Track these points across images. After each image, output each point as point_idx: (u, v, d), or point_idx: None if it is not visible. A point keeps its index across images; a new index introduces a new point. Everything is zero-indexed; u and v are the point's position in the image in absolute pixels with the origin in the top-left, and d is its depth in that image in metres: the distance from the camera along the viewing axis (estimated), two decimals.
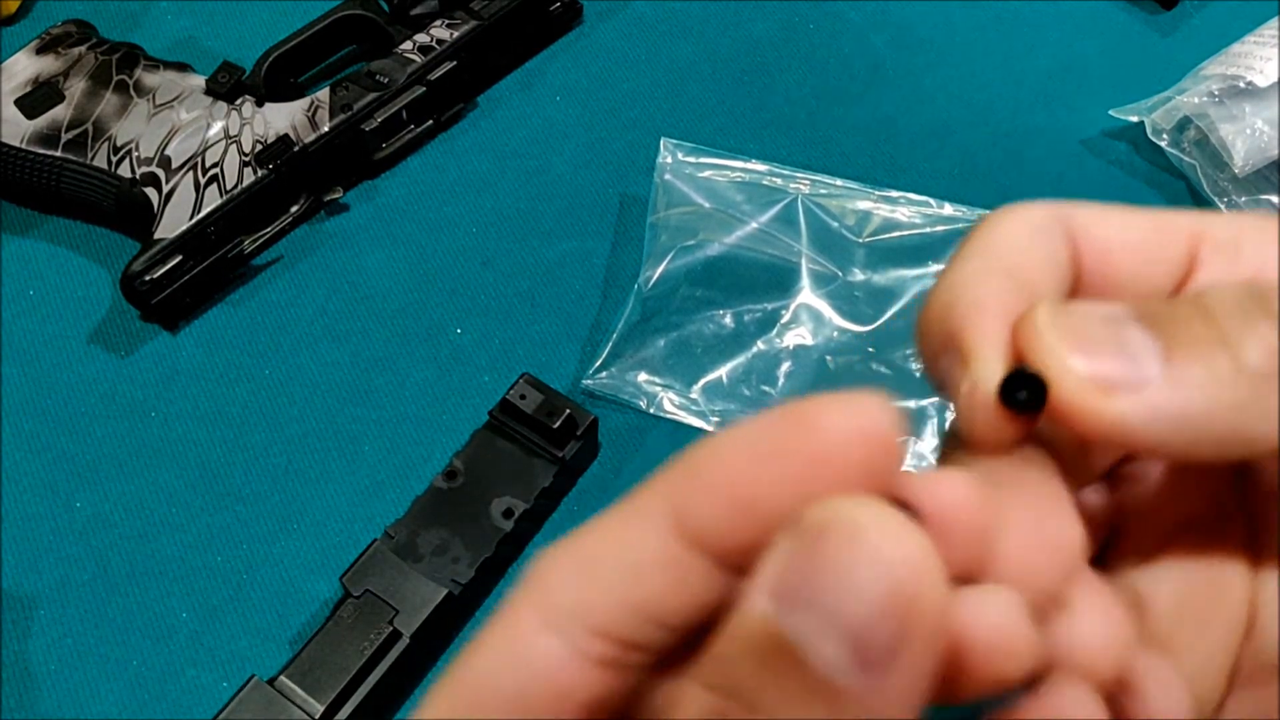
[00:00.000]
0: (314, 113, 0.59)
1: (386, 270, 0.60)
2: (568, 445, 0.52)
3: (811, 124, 0.64)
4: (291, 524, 0.53)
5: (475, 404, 0.55)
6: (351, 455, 0.55)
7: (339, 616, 0.48)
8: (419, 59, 0.61)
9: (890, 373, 0.55)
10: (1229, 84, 0.59)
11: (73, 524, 0.53)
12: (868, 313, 0.57)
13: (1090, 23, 0.68)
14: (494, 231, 0.61)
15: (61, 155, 0.58)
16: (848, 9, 0.68)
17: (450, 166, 0.63)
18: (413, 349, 0.57)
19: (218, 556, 0.52)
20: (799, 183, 0.59)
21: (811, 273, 0.57)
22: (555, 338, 0.58)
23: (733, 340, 0.56)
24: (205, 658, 0.50)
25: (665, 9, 0.68)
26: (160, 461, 0.54)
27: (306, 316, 0.58)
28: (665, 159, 0.59)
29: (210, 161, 0.57)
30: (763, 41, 0.67)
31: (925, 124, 0.64)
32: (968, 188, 0.61)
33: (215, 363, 0.57)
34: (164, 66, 0.60)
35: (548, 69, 0.66)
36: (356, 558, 0.49)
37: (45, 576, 0.52)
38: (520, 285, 0.59)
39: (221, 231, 0.57)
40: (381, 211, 0.61)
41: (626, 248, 0.60)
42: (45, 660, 0.50)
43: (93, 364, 0.57)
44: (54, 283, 0.59)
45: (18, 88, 0.59)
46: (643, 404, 0.55)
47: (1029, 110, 0.65)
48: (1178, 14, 0.68)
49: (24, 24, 0.67)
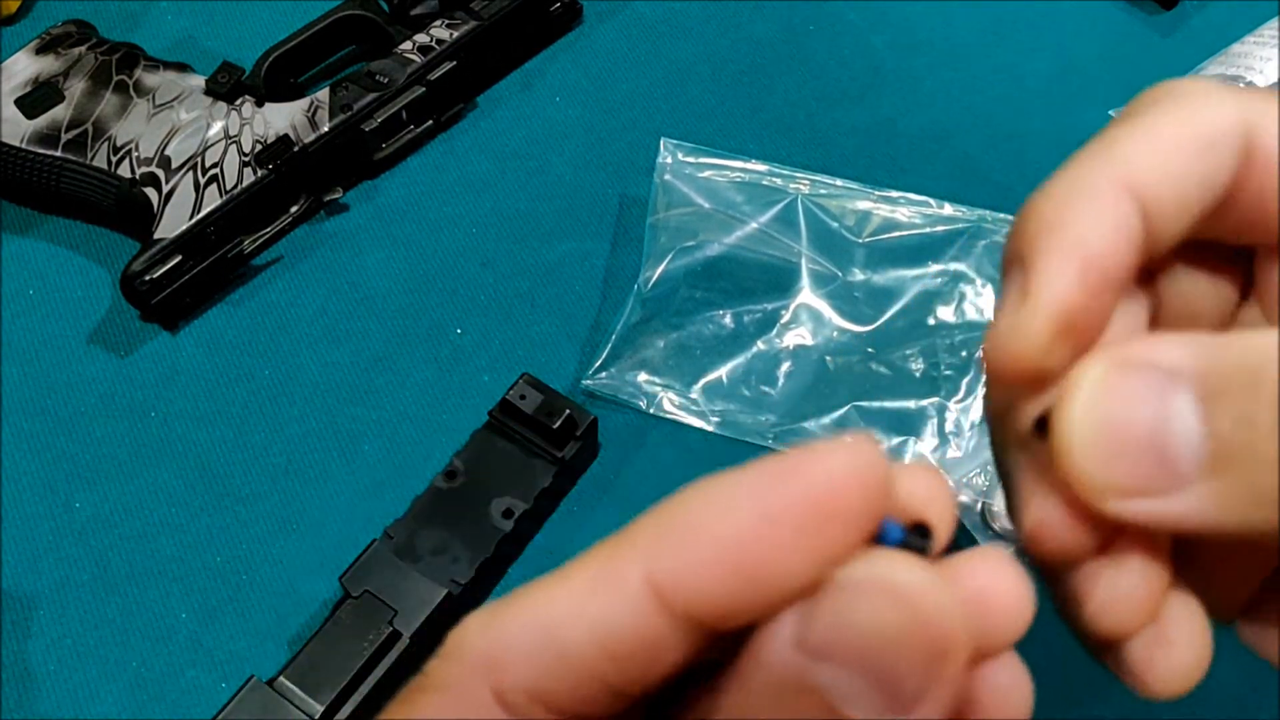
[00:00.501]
0: (314, 113, 0.59)
1: (386, 270, 0.60)
2: (567, 445, 0.52)
3: (811, 124, 0.64)
4: (291, 524, 0.53)
5: (475, 404, 0.55)
6: (351, 455, 0.55)
7: (338, 617, 0.48)
8: (419, 59, 0.61)
9: (890, 373, 0.55)
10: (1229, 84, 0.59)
11: (72, 524, 0.53)
12: (868, 313, 0.57)
13: (1090, 23, 0.68)
14: (494, 232, 0.61)
15: (61, 155, 0.58)
16: (848, 10, 0.68)
17: (450, 166, 0.63)
18: (413, 349, 0.57)
19: (217, 557, 0.52)
20: (799, 183, 0.59)
21: (811, 273, 0.57)
22: (555, 338, 0.58)
23: (733, 340, 0.56)
24: (204, 658, 0.50)
25: (665, 9, 0.68)
26: (160, 462, 0.54)
27: (306, 316, 0.58)
28: (665, 159, 0.59)
29: (210, 161, 0.57)
30: (763, 42, 0.67)
31: (925, 124, 0.64)
32: (968, 188, 0.61)
33: (215, 363, 0.57)
34: (164, 66, 0.60)
35: (548, 69, 0.66)
36: (356, 558, 0.49)
37: (45, 577, 0.52)
38: (520, 285, 0.59)
39: (221, 231, 0.57)
40: (381, 211, 0.61)
41: (626, 248, 0.60)
42: (45, 660, 0.50)
43: (92, 364, 0.57)
44: (54, 283, 0.59)
45: (18, 88, 0.59)
46: (643, 404, 0.55)
47: (1029, 110, 0.65)
48: (1178, 14, 0.68)
49: (24, 24, 0.67)
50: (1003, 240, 0.57)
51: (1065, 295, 0.20)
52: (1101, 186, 0.21)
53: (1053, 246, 0.20)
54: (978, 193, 0.61)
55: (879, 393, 0.55)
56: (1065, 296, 0.20)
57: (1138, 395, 0.19)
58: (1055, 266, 0.20)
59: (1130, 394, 0.19)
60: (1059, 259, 0.20)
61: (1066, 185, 0.21)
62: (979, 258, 0.57)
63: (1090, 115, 0.64)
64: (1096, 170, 0.21)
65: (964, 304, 0.57)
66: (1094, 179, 0.21)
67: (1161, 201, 0.21)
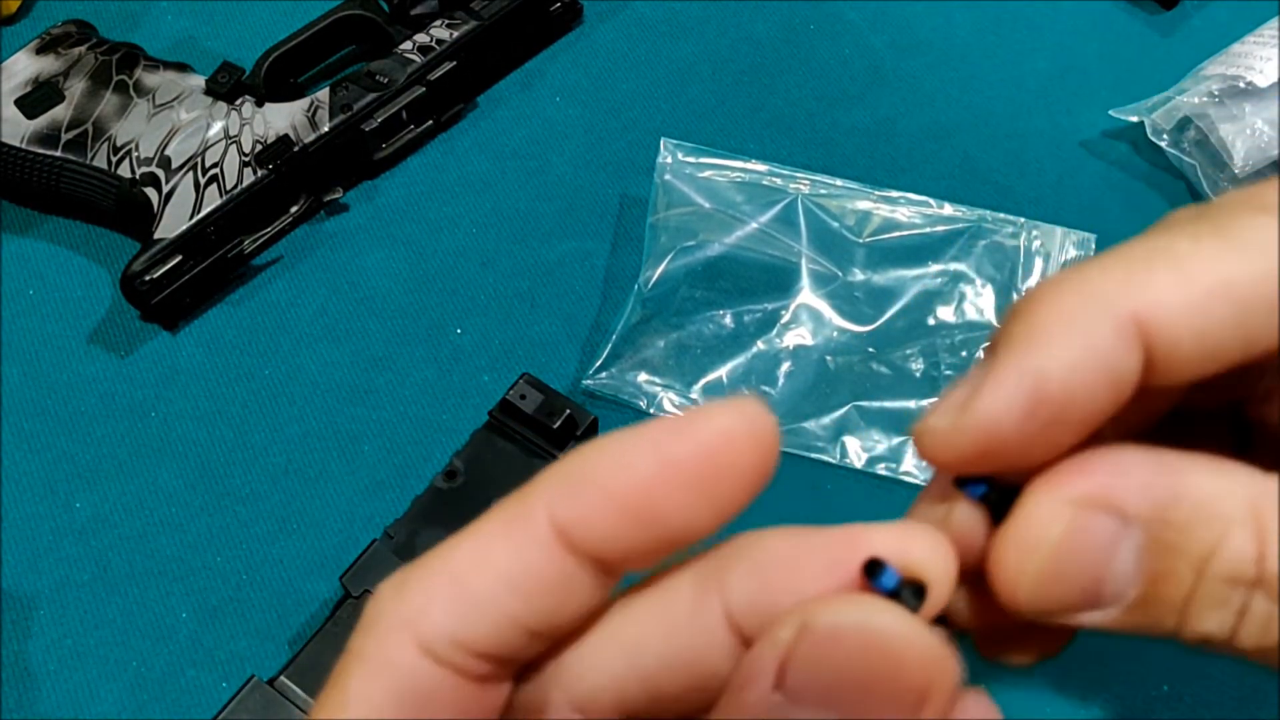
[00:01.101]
0: (314, 113, 0.59)
1: (386, 270, 0.60)
2: (568, 445, 0.52)
3: (811, 124, 0.64)
4: (291, 524, 0.53)
5: (475, 404, 0.55)
6: (351, 455, 0.55)
7: (339, 617, 0.48)
8: (419, 59, 0.61)
9: (890, 373, 0.55)
10: (1229, 84, 0.59)
11: (72, 524, 0.53)
12: (868, 313, 0.57)
13: (1090, 23, 0.68)
14: (494, 231, 0.61)
15: (61, 155, 0.58)
16: (848, 10, 0.68)
17: (450, 166, 0.63)
18: (413, 349, 0.57)
19: (217, 557, 0.52)
20: (799, 183, 0.59)
21: (811, 273, 0.57)
22: (555, 338, 0.58)
23: (733, 340, 0.56)
24: (205, 658, 0.50)
25: (665, 9, 0.68)
26: (160, 461, 0.54)
27: (306, 316, 0.58)
28: (665, 159, 0.59)
29: (210, 161, 0.57)
30: (763, 42, 0.67)
31: (925, 124, 0.64)
32: (968, 188, 0.61)
33: (215, 363, 0.57)
34: (164, 66, 0.60)
35: (548, 69, 0.66)
36: (356, 558, 0.49)
37: (45, 577, 0.52)
38: (520, 285, 0.59)
39: (221, 231, 0.57)
40: (381, 211, 0.62)
41: (626, 248, 0.60)
42: (45, 660, 0.50)
43: (92, 364, 0.57)
44: (54, 283, 0.59)
45: (18, 88, 0.59)
46: (643, 404, 0.55)
47: (1029, 110, 0.65)
48: (1178, 14, 0.68)
49: (24, 24, 0.67)
50: (1003, 240, 0.58)
51: (998, 426, 0.19)
52: (1097, 317, 0.19)
53: (1013, 366, 0.19)
54: (978, 193, 0.61)
55: (879, 393, 0.55)
56: (998, 428, 0.19)
57: (1091, 538, 0.19)
58: (1004, 392, 0.19)
59: (1085, 537, 0.19)
60: (1012, 384, 0.19)
61: (1066, 297, 0.19)
62: (979, 258, 0.57)
63: (1090, 115, 0.64)
64: (1105, 293, 0.19)
65: (964, 304, 0.57)
66: (1093, 307, 0.19)
67: (1179, 350, 0.19)
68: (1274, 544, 0.18)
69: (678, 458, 0.18)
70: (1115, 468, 0.19)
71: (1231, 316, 0.18)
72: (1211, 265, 0.18)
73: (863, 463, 0.54)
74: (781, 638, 0.18)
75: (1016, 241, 0.58)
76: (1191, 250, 0.19)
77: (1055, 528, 0.19)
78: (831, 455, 0.54)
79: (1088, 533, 0.19)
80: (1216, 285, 0.18)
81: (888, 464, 0.54)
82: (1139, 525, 0.19)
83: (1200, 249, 0.19)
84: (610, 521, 0.18)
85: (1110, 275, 0.19)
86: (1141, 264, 0.19)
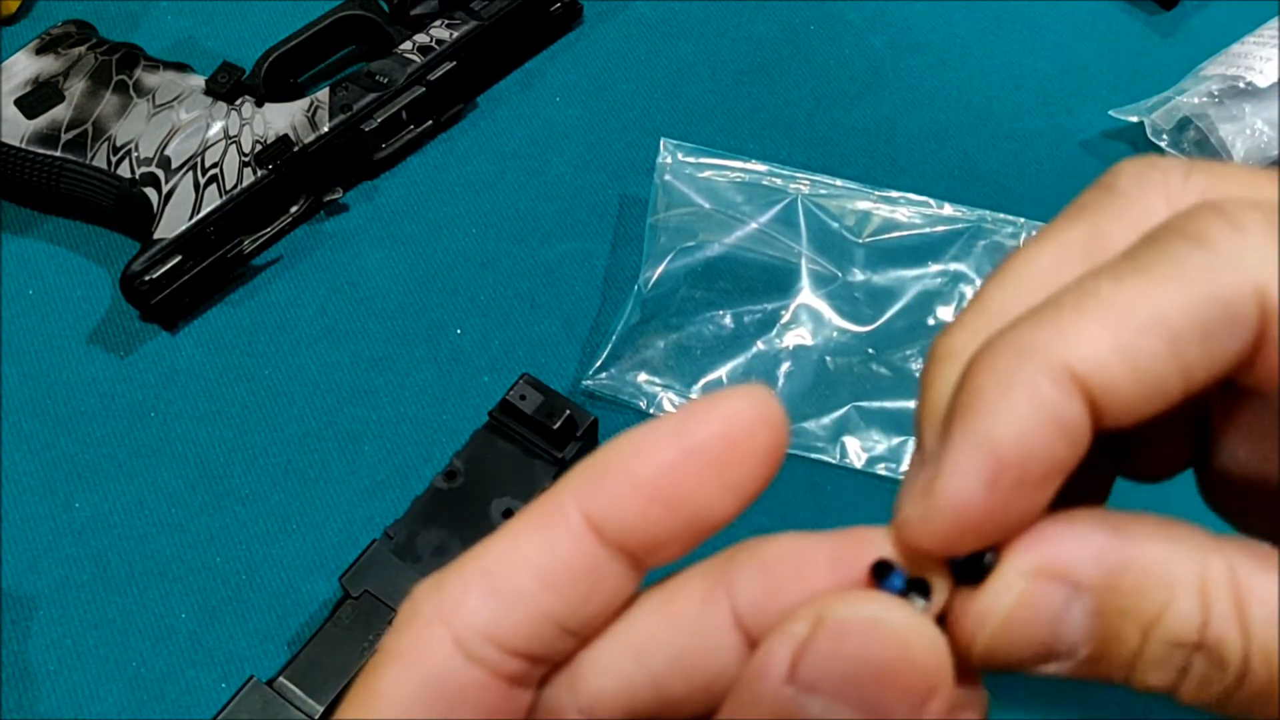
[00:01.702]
0: (314, 113, 0.59)
1: (386, 270, 0.60)
2: (568, 446, 0.52)
3: (811, 125, 0.64)
4: (291, 524, 0.53)
5: (475, 404, 0.55)
6: (351, 455, 0.55)
7: (338, 617, 0.48)
8: (419, 59, 0.61)
9: (890, 373, 0.55)
10: (1229, 84, 0.59)
11: (72, 524, 0.53)
12: (868, 313, 0.57)
13: (1090, 23, 0.68)
14: (494, 232, 0.61)
15: (61, 155, 0.58)
16: (848, 10, 0.68)
17: (450, 167, 0.63)
18: (413, 349, 0.57)
19: (217, 557, 0.52)
20: (799, 183, 0.59)
21: (811, 273, 0.57)
22: (555, 338, 0.58)
23: (733, 341, 0.56)
24: (204, 658, 0.50)
25: (665, 9, 0.68)
26: (160, 461, 0.54)
27: (306, 316, 0.58)
28: (665, 159, 0.59)
29: (210, 161, 0.57)
30: (763, 42, 0.67)
31: (925, 125, 0.64)
32: (967, 188, 0.61)
33: (215, 363, 0.57)
34: (164, 67, 0.60)
35: (548, 69, 0.66)
36: (356, 558, 0.49)
37: (45, 577, 0.52)
38: (520, 286, 0.59)
39: (221, 231, 0.57)
40: (381, 211, 0.61)
41: (626, 248, 0.60)
42: (45, 660, 0.50)
43: (92, 364, 0.57)
44: (54, 283, 0.59)
45: (18, 88, 0.59)
46: (642, 404, 0.55)
47: (1028, 111, 0.65)
48: (1178, 14, 0.68)
49: (24, 24, 0.67)
50: (1003, 240, 0.58)
51: (966, 503, 0.19)
52: (1034, 374, 0.18)
53: (965, 440, 0.19)
54: (978, 193, 0.61)
55: (879, 393, 0.55)
56: (966, 505, 0.19)
57: (1042, 606, 0.19)
58: (961, 468, 0.19)
59: (1036, 606, 0.19)
60: (966, 458, 0.19)
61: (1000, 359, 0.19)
62: (979, 258, 0.57)
63: (1090, 115, 0.64)
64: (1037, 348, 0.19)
65: (964, 304, 0.57)
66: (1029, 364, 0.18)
67: (1119, 392, 0.18)
68: (1218, 610, 0.19)
69: (698, 442, 0.19)
70: (1068, 537, 0.19)
71: (1162, 351, 0.18)
72: (1136, 304, 0.18)
73: (862, 463, 0.54)
74: (796, 631, 0.18)
75: (1016, 241, 0.58)
76: (1114, 291, 0.19)
77: (1008, 597, 0.19)
78: (831, 455, 0.54)
79: (1039, 601, 0.19)
80: (1144, 323, 0.18)
81: (887, 464, 0.54)
82: (1089, 591, 0.19)
83: (1122, 289, 0.19)
84: (638, 508, 0.19)
85: (1040, 329, 0.19)
86: (1070, 312, 0.19)
